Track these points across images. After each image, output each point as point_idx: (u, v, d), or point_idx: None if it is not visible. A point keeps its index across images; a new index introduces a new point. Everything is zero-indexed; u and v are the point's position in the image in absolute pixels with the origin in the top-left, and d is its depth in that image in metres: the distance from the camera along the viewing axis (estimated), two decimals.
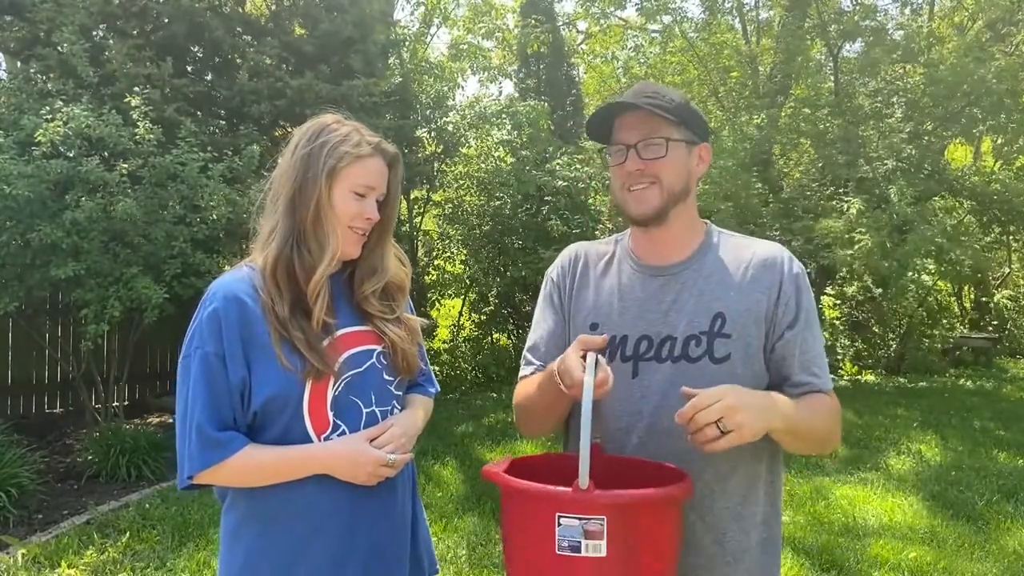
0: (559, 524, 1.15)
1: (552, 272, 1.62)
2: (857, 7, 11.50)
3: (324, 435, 1.46)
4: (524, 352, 1.60)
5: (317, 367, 1.42)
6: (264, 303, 1.45)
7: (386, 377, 1.54)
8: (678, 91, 1.54)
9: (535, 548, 1.19)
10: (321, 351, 1.44)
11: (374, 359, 1.53)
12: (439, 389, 1.77)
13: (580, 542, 1.14)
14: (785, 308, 1.44)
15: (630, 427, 1.43)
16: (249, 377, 1.43)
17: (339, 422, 1.47)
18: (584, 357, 1.29)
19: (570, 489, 1.15)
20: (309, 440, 1.45)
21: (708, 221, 1.58)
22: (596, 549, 1.14)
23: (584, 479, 1.14)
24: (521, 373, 1.59)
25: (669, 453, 1.37)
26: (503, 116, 9.43)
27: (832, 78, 11.51)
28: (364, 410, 1.50)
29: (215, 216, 5.30)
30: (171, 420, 6.83)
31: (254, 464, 1.42)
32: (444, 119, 9.27)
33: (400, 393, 1.59)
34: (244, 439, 1.43)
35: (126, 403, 6.61)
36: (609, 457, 1.37)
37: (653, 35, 14.79)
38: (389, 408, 1.55)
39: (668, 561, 1.24)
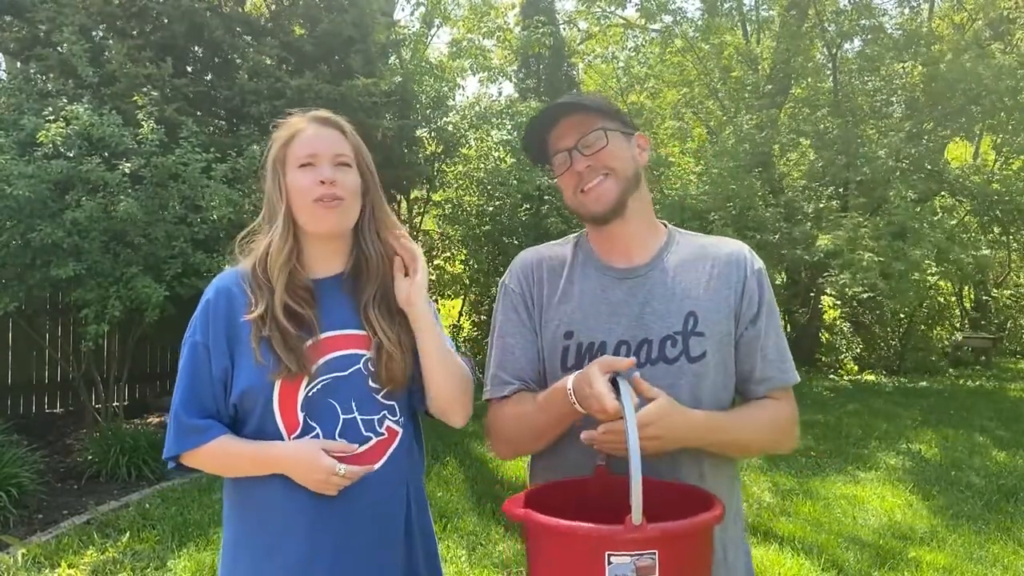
0: (609, 563, 1.11)
1: (509, 283, 1.56)
2: (854, 5, 11.51)
3: (294, 435, 1.45)
4: (493, 371, 1.53)
5: (289, 367, 1.42)
6: (248, 301, 1.48)
7: (372, 385, 1.48)
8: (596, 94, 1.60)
9: None
10: (299, 351, 1.44)
11: (360, 365, 1.48)
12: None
13: None
14: (749, 303, 1.47)
15: None
16: (232, 369, 1.45)
17: (312, 423, 1.45)
18: (612, 382, 1.25)
19: (621, 527, 1.11)
20: (282, 438, 1.45)
21: (666, 222, 1.59)
22: None
23: (637, 515, 1.10)
24: (496, 393, 1.52)
25: (649, 455, 1.35)
26: (503, 116, 9.44)
27: (831, 78, 11.53)
28: (342, 416, 1.46)
29: (216, 216, 5.30)
30: None
31: (225, 454, 1.45)
32: (444, 119, 9.27)
33: (392, 403, 1.51)
34: (221, 428, 1.45)
35: (126, 403, 6.60)
36: (620, 479, 1.34)
37: (653, 35, 14.79)
38: (377, 417, 1.49)
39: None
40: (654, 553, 1.11)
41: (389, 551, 1.51)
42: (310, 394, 1.44)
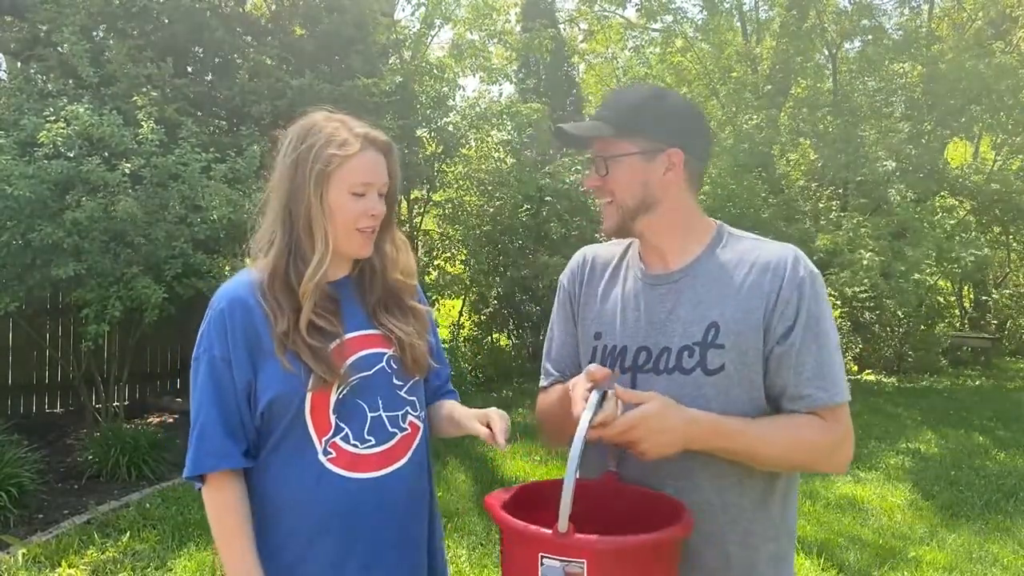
0: (542, 564, 1.15)
1: (563, 278, 1.60)
2: (855, 6, 11.52)
3: (326, 437, 1.45)
4: (543, 361, 1.62)
5: (323, 377, 1.42)
6: (267, 314, 1.45)
7: (395, 382, 1.52)
8: (649, 90, 1.46)
9: None
10: (327, 359, 1.44)
11: (383, 363, 1.51)
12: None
13: None
14: (781, 315, 1.34)
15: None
16: (255, 380, 1.44)
17: (342, 425, 1.46)
18: (591, 391, 1.25)
19: (551, 531, 1.14)
20: (310, 441, 1.45)
21: (719, 222, 1.49)
22: None
23: (564, 522, 1.13)
24: (541, 382, 1.60)
25: (666, 466, 1.33)
26: (503, 117, 9.44)
27: (831, 78, 11.54)
28: (369, 414, 1.48)
29: (216, 216, 5.30)
30: (171, 420, 6.84)
31: (221, 513, 1.44)
32: (445, 119, 9.27)
33: (413, 399, 1.55)
34: (239, 460, 1.44)
35: (126, 403, 6.59)
36: (626, 487, 1.34)
37: (654, 34, 14.80)
38: (400, 413, 1.52)
39: None
40: (582, 563, 1.13)
41: (415, 547, 1.55)
42: (341, 396, 1.46)
